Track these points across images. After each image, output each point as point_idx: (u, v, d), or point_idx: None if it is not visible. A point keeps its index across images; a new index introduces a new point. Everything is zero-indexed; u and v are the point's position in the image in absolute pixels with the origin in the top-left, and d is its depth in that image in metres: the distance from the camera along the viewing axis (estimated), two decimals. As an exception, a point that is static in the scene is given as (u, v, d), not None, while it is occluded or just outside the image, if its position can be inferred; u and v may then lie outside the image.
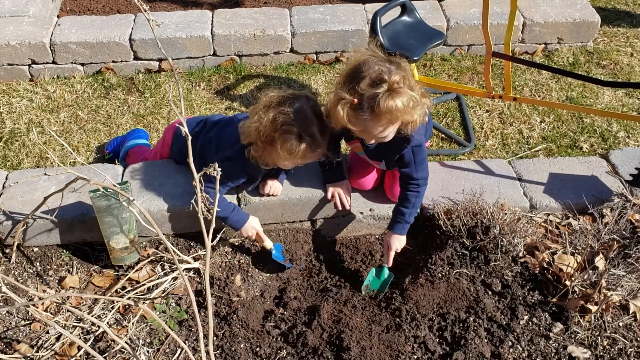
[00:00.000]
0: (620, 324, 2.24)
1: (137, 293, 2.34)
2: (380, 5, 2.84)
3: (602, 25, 3.89)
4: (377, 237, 2.69)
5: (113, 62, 3.56)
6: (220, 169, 1.63)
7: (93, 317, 2.17)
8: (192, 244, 2.55)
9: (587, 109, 3.23)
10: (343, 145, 2.61)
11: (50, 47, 3.46)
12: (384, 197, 2.62)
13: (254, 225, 2.45)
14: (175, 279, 2.39)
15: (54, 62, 3.52)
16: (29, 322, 2.27)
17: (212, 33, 3.53)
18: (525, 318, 2.25)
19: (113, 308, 2.27)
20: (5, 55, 3.44)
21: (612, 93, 3.49)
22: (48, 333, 2.20)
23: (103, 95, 3.45)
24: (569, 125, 3.29)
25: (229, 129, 2.41)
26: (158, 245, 2.52)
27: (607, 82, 2.77)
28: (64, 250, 2.52)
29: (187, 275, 2.40)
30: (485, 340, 2.17)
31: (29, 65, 3.52)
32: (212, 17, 3.65)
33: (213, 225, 1.74)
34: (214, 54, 3.61)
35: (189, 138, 1.68)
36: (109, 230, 2.32)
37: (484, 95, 2.98)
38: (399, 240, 2.44)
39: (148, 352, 2.15)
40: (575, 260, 2.33)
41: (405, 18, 2.96)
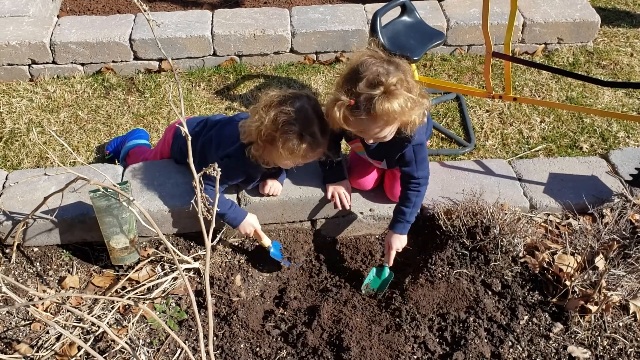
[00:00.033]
0: (620, 324, 2.24)
1: (137, 293, 2.34)
2: (380, 5, 2.84)
3: (602, 25, 3.89)
4: (377, 237, 2.69)
5: (113, 62, 3.56)
6: (219, 167, 1.64)
7: (93, 317, 2.17)
8: (192, 244, 2.55)
9: (587, 109, 3.23)
10: (343, 145, 2.61)
11: (50, 47, 3.46)
12: (384, 197, 2.62)
13: (252, 223, 2.45)
14: (175, 279, 2.39)
15: (54, 62, 3.52)
16: (29, 322, 2.27)
17: (212, 33, 3.53)
18: (525, 318, 2.25)
19: (113, 308, 2.27)
20: (5, 55, 3.44)
21: (612, 93, 3.49)
22: (48, 333, 2.20)
23: (103, 95, 3.45)
24: (569, 125, 3.29)
25: (229, 128, 2.41)
26: (158, 245, 2.52)
27: (607, 82, 2.77)
28: (64, 250, 2.52)
29: (187, 275, 2.40)
30: (485, 341, 2.17)
31: (29, 65, 3.52)
32: (212, 17, 3.65)
33: (213, 225, 1.74)
34: (214, 54, 3.61)
35: (189, 138, 1.68)
36: (109, 230, 2.32)
37: (484, 95, 2.98)
38: (400, 240, 2.44)
39: (148, 352, 2.15)
40: (575, 261, 2.33)
41: (405, 18, 2.96)
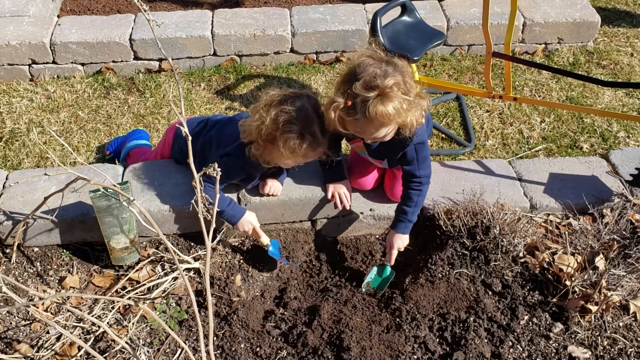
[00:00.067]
0: (621, 324, 2.24)
1: (137, 293, 2.34)
2: (381, 5, 2.84)
3: (602, 25, 3.89)
4: (377, 237, 2.69)
5: (113, 62, 3.56)
6: (219, 166, 1.64)
7: (93, 317, 2.17)
8: (192, 244, 2.55)
9: (587, 109, 3.23)
10: (343, 145, 2.61)
11: (51, 47, 3.46)
12: (384, 197, 2.62)
13: (250, 220, 2.45)
14: (176, 279, 2.39)
15: (54, 62, 3.52)
16: (29, 322, 2.27)
17: (212, 33, 3.53)
18: (526, 318, 2.25)
19: (113, 308, 2.27)
20: (6, 55, 3.44)
21: (612, 93, 3.49)
22: (48, 333, 2.20)
23: (103, 95, 3.45)
24: (569, 125, 3.29)
25: (230, 128, 2.41)
26: (158, 245, 2.52)
27: (607, 82, 2.77)
28: (64, 250, 2.52)
29: (187, 275, 2.40)
30: (486, 341, 2.17)
31: (29, 65, 3.52)
32: (212, 17, 3.65)
33: (213, 226, 1.74)
34: (214, 54, 3.61)
35: (189, 138, 1.68)
36: (109, 230, 2.32)
37: (484, 95, 2.98)
38: (402, 239, 2.44)
39: (148, 352, 2.15)
40: (576, 261, 2.33)
41: (406, 18, 2.95)
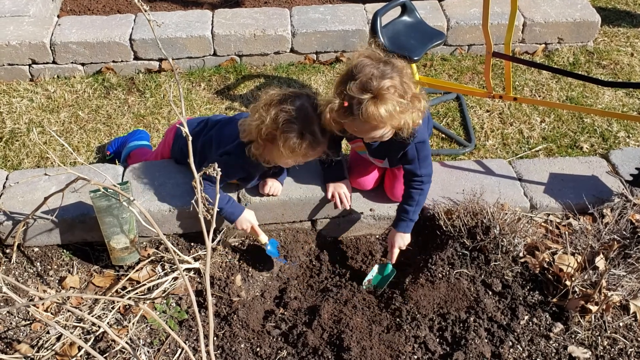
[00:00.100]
0: (621, 324, 2.24)
1: (137, 293, 2.34)
2: (381, 5, 2.84)
3: (602, 25, 3.89)
4: (377, 237, 2.69)
5: (113, 62, 3.56)
6: (219, 165, 1.64)
7: (93, 317, 2.18)
8: (192, 244, 2.55)
9: (587, 109, 3.23)
10: (343, 145, 2.60)
11: (51, 47, 3.46)
12: (384, 197, 2.62)
13: (249, 219, 2.45)
14: (176, 279, 2.39)
15: (54, 62, 3.52)
16: (30, 322, 2.27)
17: (212, 33, 3.53)
18: (526, 318, 2.25)
19: (113, 308, 2.27)
20: (6, 55, 3.44)
21: (612, 93, 3.49)
22: (48, 333, 2.20)
23: (103, 95, 3.45)
24: (569, 125, 3.29)
25: (230, 128, 2.41)
26: (158, 245, 2.52)
27: (607, 82, 2.77)
28: (64, 251, 2.52)
29: (187, 275, 2.40)
30: (486, 341, 2.17)
31: (29, 65, 3.52)
32: (212, 17, 3.65)
33: (213, 226, 1.74)
34: (214, 54, 3.61)
35: (190, 138, 1.68)
36: (110, 231, 2.32)
37: (484, 95, 2.98)
38: (403, 239, 2.44)
39: (148, 352, 2.15)
40: (576, 261, 2.33)
41: (406, 18, 2.95)
